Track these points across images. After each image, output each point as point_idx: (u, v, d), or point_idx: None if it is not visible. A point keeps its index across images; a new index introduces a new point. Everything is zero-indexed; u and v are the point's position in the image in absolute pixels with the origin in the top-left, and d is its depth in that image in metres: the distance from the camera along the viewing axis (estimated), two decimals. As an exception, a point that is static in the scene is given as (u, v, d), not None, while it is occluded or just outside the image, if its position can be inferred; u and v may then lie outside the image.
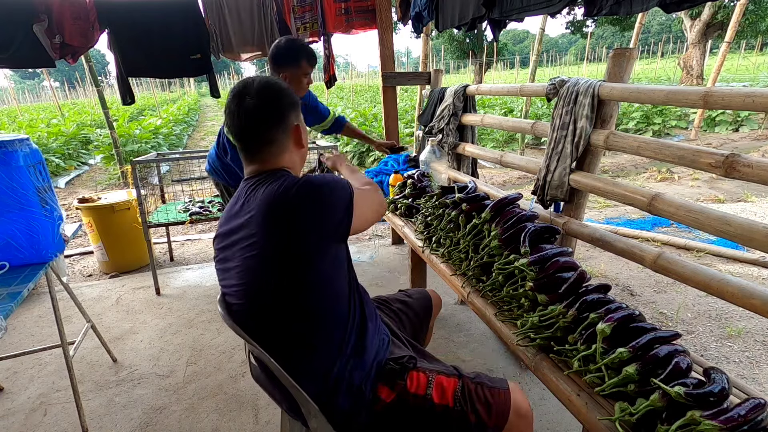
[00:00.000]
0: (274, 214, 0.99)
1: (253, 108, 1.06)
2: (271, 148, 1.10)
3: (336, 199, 1.03)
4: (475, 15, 2.60)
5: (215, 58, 3.64)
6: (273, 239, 0.99)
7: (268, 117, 1.08)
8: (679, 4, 1.76)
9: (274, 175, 1.07)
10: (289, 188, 1.00)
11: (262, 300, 1.03)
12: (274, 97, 1.09)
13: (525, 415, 1.12)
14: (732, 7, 12.67)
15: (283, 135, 1.11)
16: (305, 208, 0.99)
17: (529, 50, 28.21)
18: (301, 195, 0.99)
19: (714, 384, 0.95)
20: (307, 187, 1.00)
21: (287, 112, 1.11)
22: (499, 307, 1.46)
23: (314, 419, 1.00)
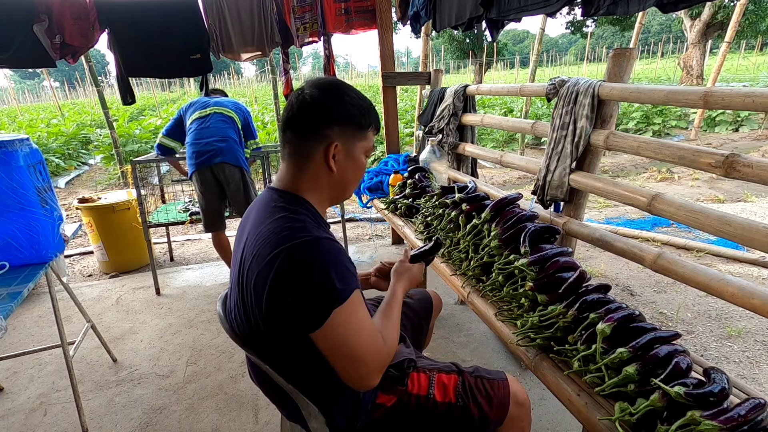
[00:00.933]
0: (262, 273, 0.88)
1: (301, 102, 0.95)
2: (298, 153, 0.97)
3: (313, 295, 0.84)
4: (472, 15, 2.60)
5: (215, 58, 3.65)
6: (255, 290, 0.90)
7: (305, 115, 0.95)
8: (675, 4, 1.76)
9: (290, 209, 0.93)
10: (276, 255, 0.86)
11: (251, 327, 0.97)
12: (325, 97, 0.96)
13: (523, 404, 1.13)
14: (732, 7, 12.67)
15: (313, 143, 0.95)
16: (279, 279, 0.86)
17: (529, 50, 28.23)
18: (280, 269, 0.85)
19: (714, 384, 0.95)
20: (287, 264, 0.85)
21: (328, 118, 0.95)
22: (499, 307, 1.46)
23: (314, 420, 1.00)
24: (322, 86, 0.97)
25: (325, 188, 1.00)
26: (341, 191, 1.04)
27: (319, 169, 0.97)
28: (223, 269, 3.43)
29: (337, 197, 1.05)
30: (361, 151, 1.02)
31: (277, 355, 0.97)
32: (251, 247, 0.92)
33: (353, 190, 1.08)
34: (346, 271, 0.88)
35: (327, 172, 0.98)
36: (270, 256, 0.86)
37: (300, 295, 0.84)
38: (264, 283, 0.87)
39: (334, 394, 1.02)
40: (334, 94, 0.97)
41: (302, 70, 43.95)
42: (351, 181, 1.03)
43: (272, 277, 0.85)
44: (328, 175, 0.98)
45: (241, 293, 0.95)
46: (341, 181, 1.01)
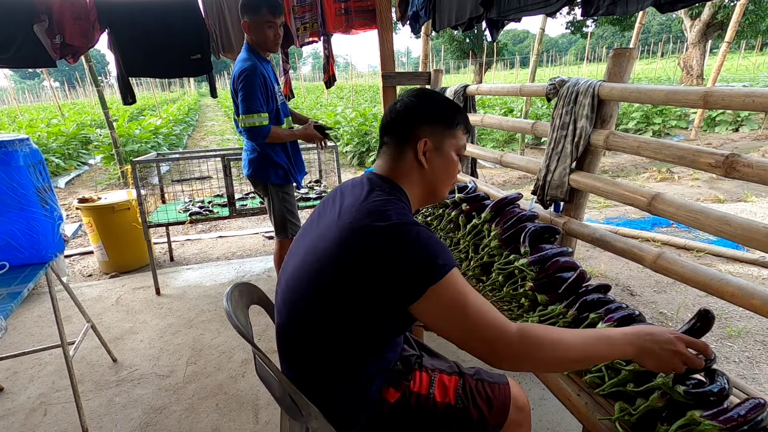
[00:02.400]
0: (359, 244, 0.90)
1: (399, 108, 1.06)
2: (392, 150, 1.05)
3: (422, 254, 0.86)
4: (472, 15, 2.60)
5: (215, 58, 3.65)
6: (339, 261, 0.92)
7: (402, 120, 1.05)
8: (673, 3, 1.76)
9: (390, 192, 0.99)
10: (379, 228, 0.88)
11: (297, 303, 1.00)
12: (418, 99, 1.06)
13: (523, 408, 1.13)
14: (732, 7, 12.68)
15: (406, 142, 1.04)
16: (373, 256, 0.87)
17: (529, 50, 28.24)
18: (375, 241, 0.88)
19: (714, 384, 0.95)
20: (389, 239, 0.87)
21: (418, 120, 1.04)
22: (499, 307, 1.46)
23: (315, 421, 1.00)
24: (413, 93, 1.07)
25: (419, 184, 1.06)
26: (434, 188, 1.08)
27: (413, 165, 1.04)
28: (223, 269, 3.44)
29: (430, 195, 1.09)
30: (452, 148, 1.06)
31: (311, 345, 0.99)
32: (348, 217, 0.93)
33: (446, 189, 1.11)
34: (447, 254, 0.89)
35: (419, 167, 1.04)
36: (372, 228, 0.89)
37: (398, 268, 0.86)
38: (360, 253, 0.89)
39: (344, 384, 1.03)
40: (423, 96, 1.06)
41: (302, 70, 43.96)
42: (443, 178, 1.07)
43: (372, 249, 0.87)
44: (420, 170, 1.04)
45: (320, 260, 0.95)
46: (433, 177, 1.06)
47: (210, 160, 3.52)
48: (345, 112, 10.29)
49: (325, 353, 1.00)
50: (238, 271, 3.41)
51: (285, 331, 1.05)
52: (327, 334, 0.98)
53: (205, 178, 5.26)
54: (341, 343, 0.99)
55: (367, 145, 7.90)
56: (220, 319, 2.67)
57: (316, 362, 1.01)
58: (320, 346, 1.00)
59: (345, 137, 8.49)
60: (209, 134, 13.10)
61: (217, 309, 2.80)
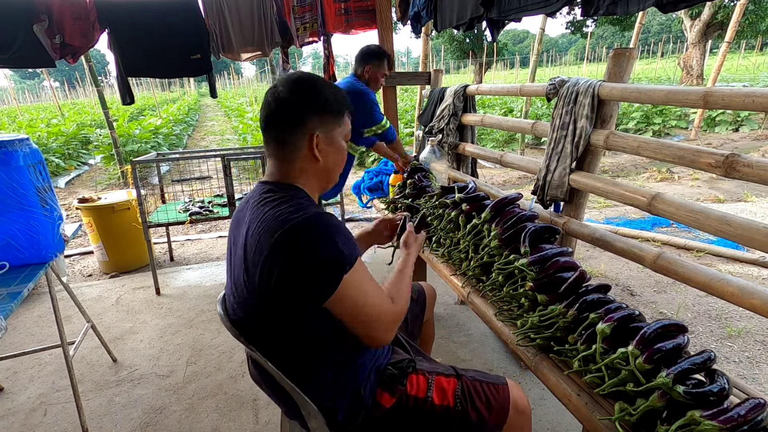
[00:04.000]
0: (263, 255, 0.91)
1: (277, 98, 0.99)
2: (283, 148, 1.01)
3: (323, 250, 0.89)
4: (473, 15, 2.61)
5: (215, 58, 3.65)
6: (261, 278, 0.92)
7: (284, 112, 0.99)
8: (675, 3, 1.76)
9: (284, 195, 0.98)
10: (277, 228, 0.90)
11: (254, 319, 1.01)
12: (300, 92, 0.99)
13: (524, 411, 1.13)
14: (732, 7, 12.67)
15: (296, 137, 1.00)
16: (287, 256, 0.89)
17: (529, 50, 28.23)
18: (283, 241, 0.89)
19: (714, 384, 0.95)
20: (292, 241, 0.89)
21: (307, 112, 0.99)
22: (499, 307, 1.46)
23: (314, 420, 1.00)
24: (294, 81, 1.01)
25: (314, 177, 1.05)
26: (328, 177, 1.09)
27: (306, 160, 1.02)
28: (223, 269, 3.43)
29: (326, 184, 1.10)
30: (341, 136, 1.07)
31: (282, 349, 1.00)
32: (253, 235, 0.94)
33: (338, 174, 1.12)
34: (349, 239, 0.94)
35: (313, 161, 1.03)
36: (275, 237, 0.89)
37: (311, 267, 0.89)
38: (273, 265, 0.90)
39: (335, 391, 1.03)
40: (307, 86, 1.01)
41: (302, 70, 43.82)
42: (336, 166, 1.09)
43: (280, 256, 0.89)
44: (314, 164, 1.03)
45: (247, 282, 0.97)
46: (326, 168, 1.06)
47: (210, 160, 3.52)
48: (345, 112, 10.27)
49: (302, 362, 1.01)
50: (238, 271, 3.41)
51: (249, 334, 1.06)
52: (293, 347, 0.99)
53: (205, 178, 5.26)
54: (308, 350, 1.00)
55: (367, 145, 7.89)
56: (219, 319, 2.66)
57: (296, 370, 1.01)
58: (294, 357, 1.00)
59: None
60: (209, 134, 13.09)
61: (217, 309, 2.80)
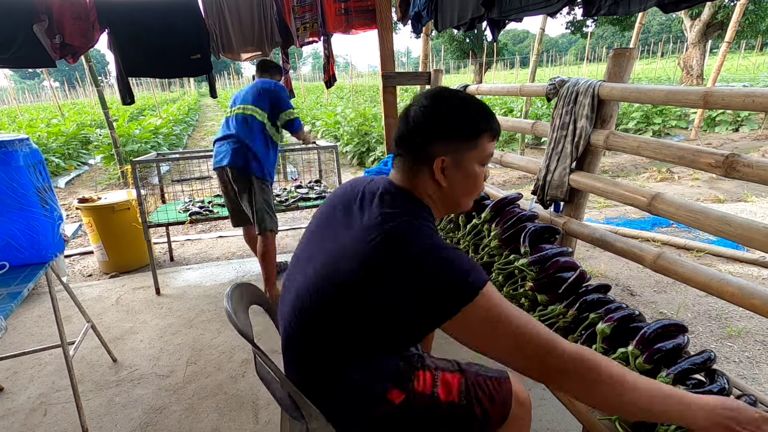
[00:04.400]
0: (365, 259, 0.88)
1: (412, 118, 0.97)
2: (406, 166, 0.99)
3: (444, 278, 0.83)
4: (474, 15, 2.60)
5: (215, 58, 3.64)
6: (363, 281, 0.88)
7: (413, 132, 0.97)
8: (677, 3, 1.76)
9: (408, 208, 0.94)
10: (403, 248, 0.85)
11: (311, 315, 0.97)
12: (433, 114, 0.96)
13: (524, 403, 1.14)
14: (732, 7, 12.68)
15: (420, 161, 0.97)
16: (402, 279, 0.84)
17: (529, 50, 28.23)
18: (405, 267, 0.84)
19: (714, 384, 0.95)
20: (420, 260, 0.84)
21: (432, 138, 0.95)
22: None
23: (315, 421, 1.00)
24: (428, 99, 0.98)
25: (438, 200, 1.00)
26: (454, 203, 1.03)
27: (428, 185, 0.98)
28: (223, 269, 3.44)
29: (452, 208, 1.04)
30: (474, 161, 0.98)
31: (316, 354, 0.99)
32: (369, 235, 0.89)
33: (469, 201, 1.05)
34: (479, 271, 0.85)
35: (436, 186, 0.98)
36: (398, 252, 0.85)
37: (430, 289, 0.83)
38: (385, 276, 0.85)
39: (349, 389, 1.03)
40: (437, 105, 0.96)
41: (302, 70, 43.95)
42: (463, 193, 1.01)
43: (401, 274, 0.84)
44: (438, 189, 0.98)
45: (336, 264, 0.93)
46: (452, 193, 0.99)
47: (210, 160, 3.52)
48: (345, 112, 10.28)
49: (334, 360, 0.99)
50: (238, 271, 3.41)
51: (291, 338, 1.03)
52: (339, 344, 0.97)
53: (205, 178, 5.26)
54: (352, 350, 0.98)
55: (367, 145, 7.89)
56: (220, 319, 2.67)
57: (323, 367, 1.00)
58: (331, 354, 0.99)
59: (345, 137, 8.49)
60: (209, 134, 13.10)
61: (217, 309, 2.80)
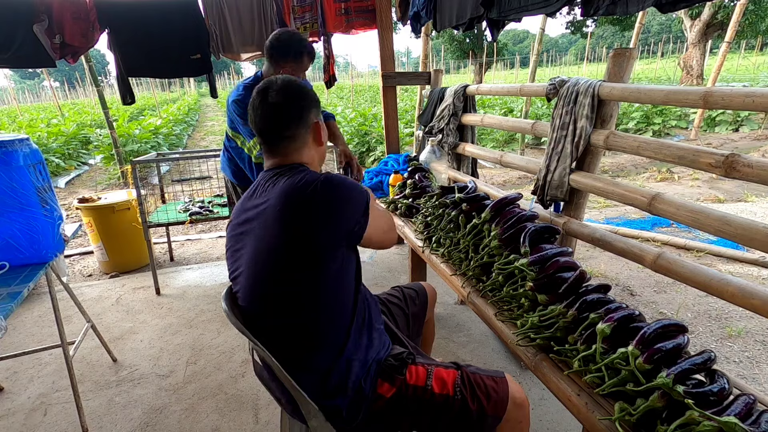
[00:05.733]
0: (291, 207, 1.02)
1: (275, 104, 1.11)
2: (292, 143, 1.14)
3: (354, 201, 1.06)
4: (473, 15, 2.60)
5: (215, 58, 3.64)
6: (286, 232, 1.02)
7: (288, 113, 1.12)
8: (674, 4, 1.76)
9: (294, 169, 1.11)
10: (309, 183, 1.03)
11: (265, 288, 1.06)
12: (295, 95, 1.13)
13: (522, 405, 1.14)
14: (732, 7, 12.67)
15: (303, 131, 1.14)
16: (322, 206, 1.02)
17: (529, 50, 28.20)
18: (320, 192, 1.02)
19: (714, 384, 0.95)
20: (327, 185, 1.03)
21: (307, 109, 1.15)
22: (499, 307, 1.46)
23: (314, 419, 1.00)
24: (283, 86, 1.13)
25: (318, 159, 1.23)
26: (323, 151, 1.26)
27: (312, 147, 1.19)
28: (223, 269, 3.43)
29: (322, 159, 1.26)
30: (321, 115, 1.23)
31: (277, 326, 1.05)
32: (277, 202, 1.05)
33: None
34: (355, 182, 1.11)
35: (318, 145, 1.21)
36: (308, 191, 1.03)
37: (353, 209, 1.06)
38: (307, 218, 1.02)
39: (337, 387, 1.03)
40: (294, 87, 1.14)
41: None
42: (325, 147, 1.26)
43: (315, 208, 1.02)
44: (318, 148, 1.22)
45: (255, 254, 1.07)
46: (323, 149, 1.24)
47: (210, 160, 3.52)
48: (345, 112, 10.29)
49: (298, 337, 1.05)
50: (238, 271, 3.40)
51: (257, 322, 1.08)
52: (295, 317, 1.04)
53: (205, 178, 5.26)
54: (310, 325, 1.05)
55: (367, 145, 7.90)
56: (220, 319, 2.67)
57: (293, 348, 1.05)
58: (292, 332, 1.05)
59: (345, 137, 8.49)
60: (209, 134, 13.10)
61: (217, 309, 2.80)
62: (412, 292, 1.58)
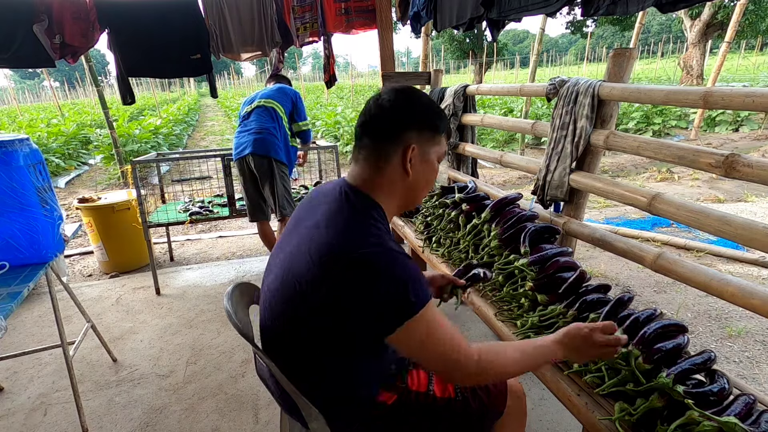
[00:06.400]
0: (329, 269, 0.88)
1: (378, 107, 0.99)
2: (374, 156, 0.98)
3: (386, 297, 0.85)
4: (473, 15, 2.60)
5: (215, 58, 3.64)
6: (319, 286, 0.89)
7: (384, 119, 0.98)
8: (674, 4, 1.76)
9: (367, 212, 0.95)
10: (350, 250, 0.87)
11: (275, 320, 0.99)
12: (402, 102, 0.99)
13: (519, 396, 1.15)
14: (732, 7, 12.67)
15: (391, 147, 0.97)
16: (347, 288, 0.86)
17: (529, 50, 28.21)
18: (350, 273, 0.86)
19: (714, 384, 0.95)
20: (362, 261, 0.85)
21: (408, 127, 0.97)
22: (499, 307, 1.46)
23: (315, 422, 1.00)
24: (398, 91, 1.00)
25: (399, 193, 1.01)
26: (413, 197, 1.04)
27: (395, 173, 0.98)
28: (223, 269, 3.43)
29: (409, 203, 1.05)
30: (435, 155, 1.02)
31: (294, 351, 0.99)
32: (320, 237, 0.92)
33: (424, 196, 1.08)
34: (421, 286, 0.87)
35: (403, 175, 0.99)
36: (346, 258, 0.86)
37: (372, 302, 0.85)
38: (330, 279, 0.87)
39: (339, 393, 1.03)
40: (410, 98, 0.99)
41: (302, 70, 43.92)
42: (424, 186, 1.04)
43: (342, 277, 0.86)
44: (403, 178, 0.99)
45: (294, 276, 0.94)
46: (415, 185, 1.01)
47: (210, 160, 3.52)
48: (345, 112, 10.29)
49: (308, 362, 0.99)
50: (238, 271, 3.41)
51: (269, 335, 1.03)
52: (307, 346, 0.97)
53: (205, 178, 5.26)
54: (322, 354, 0.97)
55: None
56: (220, 319, 2.67)
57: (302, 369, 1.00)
58: (303, 356, 0.99)
59: (345, 137, 8.49)
60: (209, 134, 13.09)
61: (217, 309, 2.80)
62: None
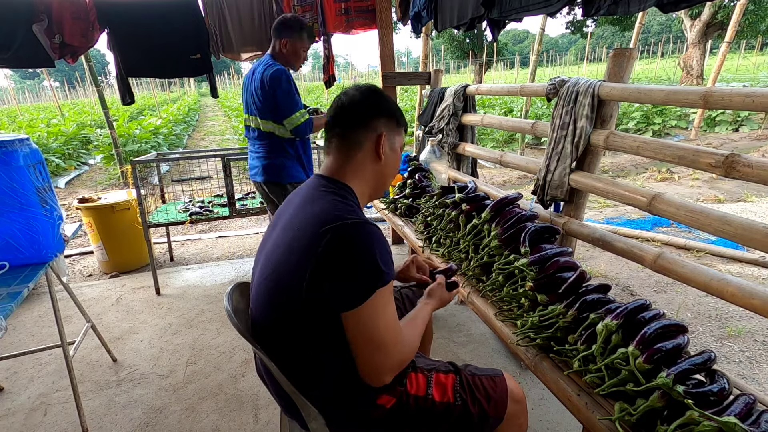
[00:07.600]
0: (308, 249, 0.93)
1: (349, 98, 1.07)
2: (347, 144, 1.06)
3: (359, 273, 0.91)
4: (474, 15, 2.60)
5: (215, 58, 3.65)
6: (300, 271, 0.94)
7: (357, 111, 1.07)
8: (676, 3, 1.76)
9: (337, 193, 1.02)
10: (326, 231, 0.92)
11: (267, 312, 1.03)
12: (371, 96, 1.09)
13: (520, 401, 1.14)
14: (732, 7, 12.67)
15: (363, 133, 1.06)
16: (325, 254, 0.91)
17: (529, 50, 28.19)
18: (330, 245, 0.91)
19: (714, 384, 0.95)
20: (337, 240, 0.91)
21: (378, 116, 1.08)
22: (499, 307, 1.47)
23: (314, 422, 1.00)
24: (364, 86, 1.11)
25: (370, 178, 1.09)
26: (382, 182, 1.13)
27: (367, 157, 1.07)
28: (223, 269, 3.44)
29: (378, 189, 1.14)
30: (399, 144, 1.14)
31: (292, 349, 1.00)
32: (297, 225, 0.99)
33: (390, 183, 1.17)
34: (389, 258, 0.95)
35: (374, 160, 1.08)
36: (319, 232, 0.92)
37: (346, 272, 0.91)
38: (309, 258, 0.92)
39: (337, 395, 1.03)
40: (377, 92, 1.10)
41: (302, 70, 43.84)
42: (391, 172, 1.13)
43: (320, 252, 0.91)
44: (374, 163, 1.08)
45: (276, 271, 1.00)
46: (384, 171, 1.11)
47: (210, 160, 3.53)
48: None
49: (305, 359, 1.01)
50: (238, 271, 3.41)
51: (258, 329, 1.06)
52: (301, 340, 0.99)
53: (205, 178, 5.27)
54: (320, 350, 0.99)
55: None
56: (220, 319, 2.67)
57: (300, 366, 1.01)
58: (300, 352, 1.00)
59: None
60: (209, 134, 13.10)
61: (217, 309, 2.80)
62: (410, 293, 1.58)
